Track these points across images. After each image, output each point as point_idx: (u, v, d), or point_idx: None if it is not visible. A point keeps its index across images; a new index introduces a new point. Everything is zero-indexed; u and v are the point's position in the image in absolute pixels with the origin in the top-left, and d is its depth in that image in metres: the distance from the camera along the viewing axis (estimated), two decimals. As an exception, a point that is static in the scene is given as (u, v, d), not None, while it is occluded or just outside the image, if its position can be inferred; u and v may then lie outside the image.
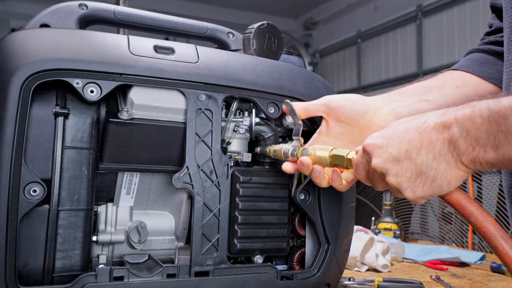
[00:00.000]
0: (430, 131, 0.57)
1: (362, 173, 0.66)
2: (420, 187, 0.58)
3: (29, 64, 0.67)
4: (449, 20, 4.52)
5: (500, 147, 0.52)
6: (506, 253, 0.53)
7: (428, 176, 0.57)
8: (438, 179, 0.57)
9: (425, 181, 0.58)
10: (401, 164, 0.58)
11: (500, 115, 0.51)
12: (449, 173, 0.56)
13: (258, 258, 0.83)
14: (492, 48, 0.90)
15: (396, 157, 0.59)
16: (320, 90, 0.89)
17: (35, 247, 0.70)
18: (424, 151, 0.57)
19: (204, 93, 0.78)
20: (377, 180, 0.63)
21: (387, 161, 0.60)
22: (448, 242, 2.14)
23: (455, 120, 0.55)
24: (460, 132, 0.54)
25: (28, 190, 0.67)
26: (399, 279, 1.09)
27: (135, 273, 0.74)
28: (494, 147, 0.52)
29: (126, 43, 0.75)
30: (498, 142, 0.52)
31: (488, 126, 0.52)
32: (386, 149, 0.60)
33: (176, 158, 0.79)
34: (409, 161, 0.58)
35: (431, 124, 0.57)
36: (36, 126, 0.70)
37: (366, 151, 0.63)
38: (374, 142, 0.62)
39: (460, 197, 0.58)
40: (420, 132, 0.58)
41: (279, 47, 0.92)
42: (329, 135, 0.80)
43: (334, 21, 6.25)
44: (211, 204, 0.78)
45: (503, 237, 0.54)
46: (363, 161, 0.65)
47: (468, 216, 0.57)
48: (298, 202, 0.85)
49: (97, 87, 0.71)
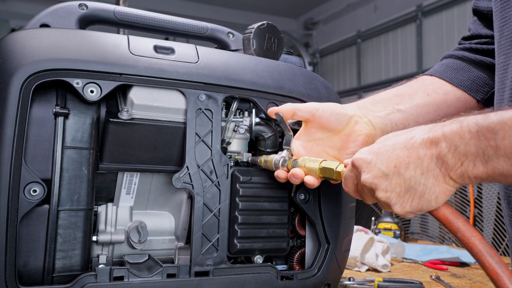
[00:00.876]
0: (418, 147, 0.58)
1: (351, 187, 0.67)
2: (409, 202, 0.59)
3: (29, 64, 0.67)
4: (449, 20, 4.52)
5: (490, 161, 0.53)
6: (492, 268, 0.53)
7: (417, 191, 0.58)
8: (427, 194, 0.58)
9: (414, 196, 0.58)
10: (390, 179, 0.59)
11: (489, 130, 0.52)
12: (437, 188, 0.57)
13: (258, 258, 0.83)
14: (466, 55, 0.91)
15: (385, 173, 0.60)
16: (320, 90, 0.89)
17: (35, 247, 0.70)
18: (412, 166, 0.58)
19: (204, 93, 0.78)
20: (367, 194, 0.64)
21: (376, 176, 0.60)
22: (448, 242, 2.14)
23: (442, 135, 0.56)
24: (448, 148, 0.55)
25: (28, 190, 0.67)
26: (399, 279, 1.09)
27: (135, 273, 0.74)
28: (484, 162, 0.53)
29: (126, 43, 0.75)
30: (488, 157, 0.53)
31: (477, 141, 0.53)
32: (375, 165, 0.61)
33: (176, 158, 0.79)
34: (398, 177, 0.59)
35: (418, 140, 0.58)
36: (36, 126, 0.70)
37: (355, 166, 0.64)
38: (363, 157, 0.63)
39: (447, 213, 0.59)
40: (408, 148, 0.59)
41: (279, 47, 0.92)
42: (309, 140, 0.81)
43: (334, 21, 6.25)
44: (211, 204, 0.78)
45: (489, 252, 0.54)
46: (352, 175, 0.66)
47: (455, 232, 0.58)
48: (298, 202, 0.85)
49: (97, 87, 0.71)
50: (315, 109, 0.79)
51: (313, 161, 0.74)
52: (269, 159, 0.80)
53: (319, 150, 0.80)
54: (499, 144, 0.52)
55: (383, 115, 0.81)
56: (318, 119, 0.79)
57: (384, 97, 0.84)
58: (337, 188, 0.86)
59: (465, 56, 0.91)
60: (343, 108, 0.80)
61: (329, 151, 0.80)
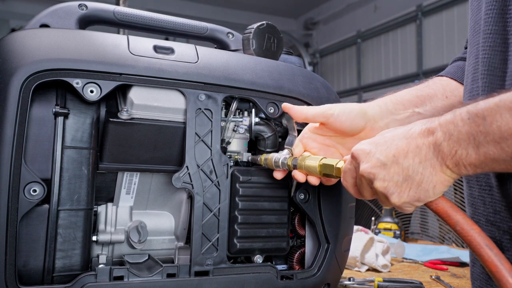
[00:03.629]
0: (416, 137, 0.59)
1: (349, 180, 0.67)
2: (406, 191, 0.59)
3: (29, 64, 0.67)
4: (449, 20, 4.52)
5: (480, 147, 0.53)
6: (491, 261, 0.54)
7: (414, 180, 0.59)
8: (424, 183, 0.58)
9: (411, 185, 0.59)
10: (388, 168, 0.60)
11: (478, 116, 0.53)
12: (434, 177, 0.58)
13: (258, 258, 0.83)
14: None
15: (383, 162, 0.60)
16: (320, 90, 0.89)
17: (35, 247, 0.70)
18: (411, 155, 0.59)
19: (204, 93, 0.78)
20: (365, 186, 0.64)
21: (374, 166, 0.61)
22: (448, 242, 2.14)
23: (439, 125, 0.57)
24: (443, 136, 0.56)
25: (28, 190, 0.68)
26: (399, 279, 1.09)
27: (135, 273, 0.74)
28: (475, 148, 0.54)
29: (126, 43, 0.75)
30: (478, 142, 0.53)
31: (468, 128, 0.54)
32: (373, 155, 0.62)
33: (176, 158, 0.79)
34: (396, 165, 0.59)
35: (417, 130, 0.59)
36: (36, 126, 0.70)
37: (354, 157, 0.65)
38: (362, 148, 0.64)
39: (446, 206, 0.59)
40: (407, 138, 0.60)
41: (279, 47, 0.92)
42: (321, 134, 0.81)
43: (334, 21, 6.25)
44: (211, 204, 0.79)
45: (489, 245, 0.55)
46: (351, 168, 0.66)
47: (454, 225, 0.58)
48: (298, 202, 0.85)
49: (97, 87, 0.71)
50: (330, 114, 0.78)
51: (312, 159, 0.74)
52: (269, 158, 0.80)
53: (329, 145, 0.80)
54: (488, 129, 0.52)
55: (402, 118, 0.81)
56: (333, 123, 0.78)
57: (405, 97, 0.84)
58: (337, 187, 0.86)
59: None
60: (361, 111, 0.79)
61: (339, 148, 0.80)
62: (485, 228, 0.66)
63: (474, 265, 0.73)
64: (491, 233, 0.65)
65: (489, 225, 0.66)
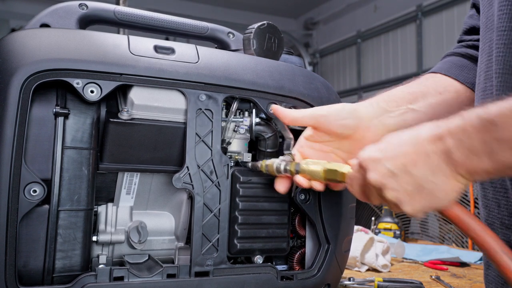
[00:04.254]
0: (424, 143, 0.57)
1: (356, 188, 0.65)
2: (418, 201, 0.57)
3: (29, 64, 0.67)
4: (449, 20, 4.52)
5: (494, 154, 0.52)
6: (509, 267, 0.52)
7: (426, 189, 0.57)
8: (436, 191, 0.56)
9: (423, 194, 0.57)
10: (398, 178, 0.58)
11: (490, 122, 0.51)
12: (447, 185, 0.56)
13: (258, 258, 0.83)
14: (469, 52, 0.88)
15: (393, 172, 0.58)
16: (320, 90, 0.89)
17: (35, 247, 0.69)
18: (421, 164, 0.56)
19: (204, 93, 0.78)
20: (373, 194, 0.62)
21: (383, 175, 0.59)
22: (448, 242, 2.14)
23: (447, 131, 0.55)
24: (454, 143, 0.54)
25: (28, 190, 0.67)
26: (399, 279, 1.09)
27: (135, 273, 0.74)
28: (489, 155, 0.52)
29: (126, 43, 0.75)
30: (491, 149, 0.52)
31: (480, 135, 0.52)
32: (381, 163, 0.59)
33: (176, 158, 0.79)
34: (406, 175, 0.57)
35: (424, 136, 0.57)
36: (36, 126, 0.70)
37: (362, 166, 0.62)
38: (369, 155, 0.61)
39: (459, 212, 0.58)
40: (415, 144, 0.57)
41: (279, 47, 0.92)
42: (317, 141, 0.79)
43: (334, 21, 6.25)
44: (211, 204, 0.78)
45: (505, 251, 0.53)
46: (358, 176, 0.64)
47: (467, 230, 0.57)
48: (298, 202, 0.85)
49: (97, 87, 0.71)
50: (319, 115, 0.77)
51: (316, 163, 0.73)
52: (270, 163, 0.78)
53: (328, 151, 0.78)
54: (501, 136, 0.50)
55: (397, 115, 0.79)
56: (323, 125, 0.77)
57: (397, 95, 0.82)
58: (337, 188, 0.86)
59: (468, 53, 0.89)
60: (351, 110, 0.77)
61: (338, 152, 0.78)
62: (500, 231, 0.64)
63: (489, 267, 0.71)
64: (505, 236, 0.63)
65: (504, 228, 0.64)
